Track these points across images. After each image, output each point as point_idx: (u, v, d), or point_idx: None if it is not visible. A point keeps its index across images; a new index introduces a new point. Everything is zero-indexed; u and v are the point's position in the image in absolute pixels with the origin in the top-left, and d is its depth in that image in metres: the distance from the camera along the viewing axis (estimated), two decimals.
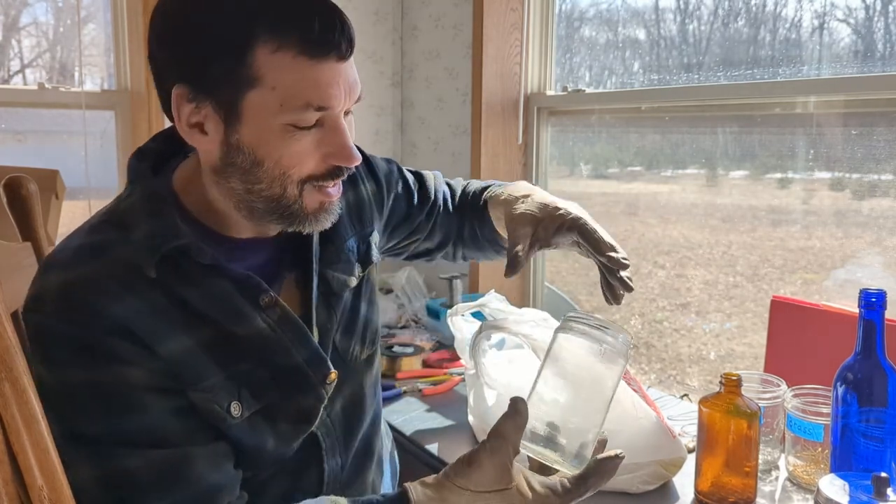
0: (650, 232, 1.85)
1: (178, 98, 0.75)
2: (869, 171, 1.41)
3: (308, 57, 0.72)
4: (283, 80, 0.73)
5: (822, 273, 1.50)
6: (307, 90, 0.73)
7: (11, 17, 2.07)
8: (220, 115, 0.75)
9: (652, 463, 1.10)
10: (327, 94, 0.74)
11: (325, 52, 0.73)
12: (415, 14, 2.31)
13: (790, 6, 1.55)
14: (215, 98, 0.75)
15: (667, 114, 1.77)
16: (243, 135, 0.75)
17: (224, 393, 0.79)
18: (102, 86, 2.11)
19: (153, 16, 0.78)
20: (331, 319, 0.91)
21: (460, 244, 1.18)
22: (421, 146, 2.33)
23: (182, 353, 0.77)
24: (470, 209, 1.15)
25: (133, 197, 0.81)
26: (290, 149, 0.76)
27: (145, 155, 0.85)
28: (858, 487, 0.86)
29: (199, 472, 0.76)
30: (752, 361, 1.60)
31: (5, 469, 0.64)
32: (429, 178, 1.16)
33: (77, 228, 0.83)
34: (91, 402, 0.74)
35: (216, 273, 0.79)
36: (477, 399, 1.31)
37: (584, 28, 2.06)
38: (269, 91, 0.73)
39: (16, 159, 1.94)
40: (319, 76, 0.74)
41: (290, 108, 0.74)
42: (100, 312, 0.73)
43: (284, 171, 0.77)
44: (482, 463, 0.72)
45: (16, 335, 0.66)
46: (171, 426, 0.76)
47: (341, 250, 0.93)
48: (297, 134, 0.75)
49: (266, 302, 0.82)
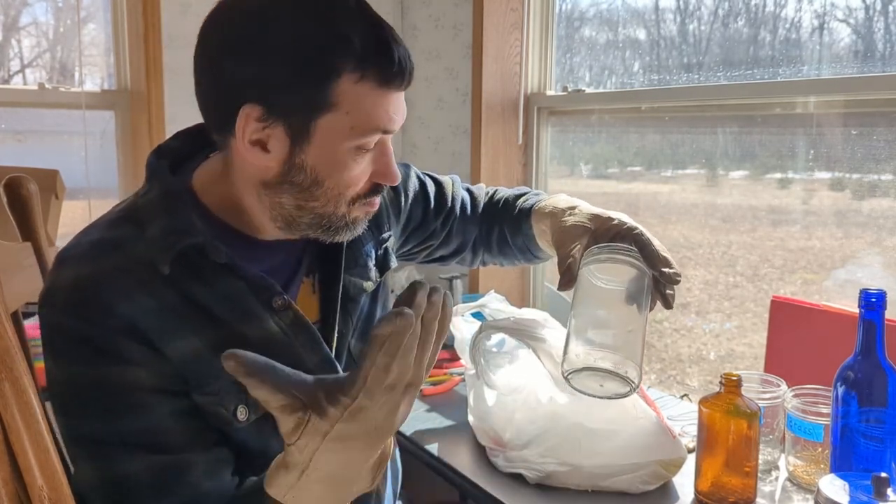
0: (650, 232, 1.84)
1: (247, 117, 0.74)
2: (869, 171, 1.41)
3: (385, 88, 0.76)
4: (360, 106, 0.75)
5: (822, 273, 1.50)
6: (380, 117, 0.77)
7: (11, 17, 2.08)
8: (289, 136, 0.76)
9: (652, 463, 1.10)
10: (393, 119, 0.78)
11: (398, 84, 0.77)
12: (415, 14, 2.31)
13: (790, 6, 1.55)
14: (289, 121, 0.75)
15: (667, 114, 1.77)
16: (309, 155, 0.76)
17: (231, 396, 0.79)
18: (102, 86, 2.11)
19: (222, 27, 0.76)
20: (347, 324, 0.91)
21: (482, 250, 1.16)
22: (421, 146, 2.33)
23: (191, 354, 0.77)
24: (501, 217, 1.12)
25: (150, 194, 0.81)
26: (352, 171, 0.79)
27: (164, 153, 0.85)
28: (858, 487, 0.86)
29: (195, 479, 0.76)
30: (752, 361, 1.60)
31: (5, 469, 0.64)
32: (447, 184, 1.15)
33: (93, 223, 0.83)
34: (95, 400, 0.74)
35: (230, 272, 0.79)
36: (477, 399, 1.31)
37: (584, 28, 2.06)
38: (344, 115, 0.75)
39: (16, 159, 1.94)
40: (389, 104, 0.77)
41: (361, 132, 0.76)
42: (110, 310, 0.73)
43: (342, 191, 0.79)
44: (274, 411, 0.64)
45: (16, 335, 0.66)
46: (173, 429, 0.76)
47: (359, 255, 0.93)
48: (360, 157, 0.78)
49: (279, 304, 0.82)
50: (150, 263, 0.76)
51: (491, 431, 1.23)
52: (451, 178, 1.17)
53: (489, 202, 1.16)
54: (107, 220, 0.82)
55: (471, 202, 1.16)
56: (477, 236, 1.15)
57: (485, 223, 1.14)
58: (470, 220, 1.14)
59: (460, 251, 1.16)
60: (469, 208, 1.15)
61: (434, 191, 1.12)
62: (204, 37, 0.77)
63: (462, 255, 1.17)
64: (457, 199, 1.14)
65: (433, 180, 1.14)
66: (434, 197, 1.12)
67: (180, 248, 0.76)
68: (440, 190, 1.13)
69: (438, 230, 1.12)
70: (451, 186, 1.15)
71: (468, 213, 1.15)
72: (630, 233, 0.92)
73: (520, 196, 1.12)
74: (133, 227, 0.79)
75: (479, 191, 1.18)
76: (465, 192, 1.17)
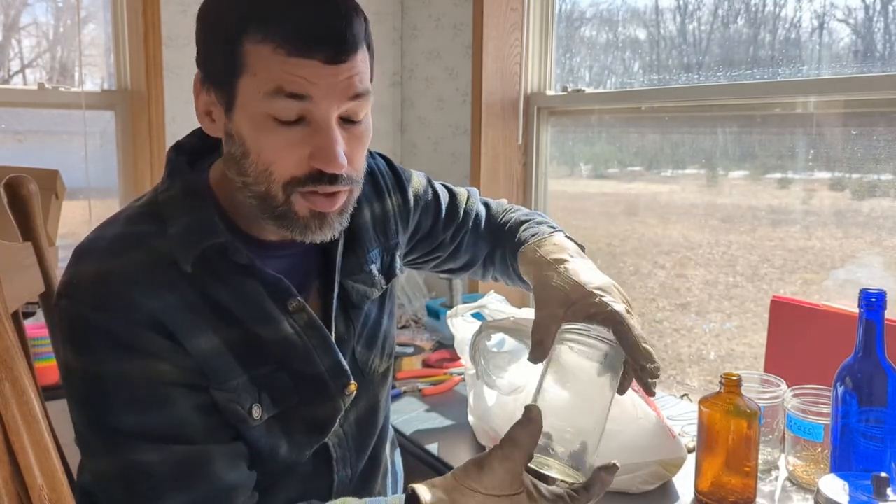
0: (650, 232, 1.84)
1: (196, 84, 0.79)
2: (869, 171, 1.41)
3: (286, 53, 0.72)
4: (266, 69, 0.73)
5: (822, 273, 1.50)
6: (286, 81, 0.72)
7: (11, 17, 2.08)
8: (222, 103, 0.77)
9: (652, 463, 1.10)
10: (301, 84, 0.73)
11: (303, 51, 0.72)
12: (415, 14, 2.31)
13: (790, 6, 1.55)
14: (216, 83, 0.77)
15: (667, 114, 1.77)
16: (236, 122, 0.76)
17: (247, 394, 0.80)
18: (102, 86, 2.11)
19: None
20: (349, 331, 0.90)
21: (491, 268, 1.12)
22: (421, 146, 2.33)
23: (210, 350, 0.77)
24: (504, 241, 1.07)
25: (172, 190, 0.81)
26: (269, 142, 0.74)
27: (183, 149, 0.86)
28: (858, 487, 0.86)
29: (217, 470, 0.77)
30: (752, 361, 1.60)
31: (5, 468, 0.64)
32: (461, 196, 1.12)
33: (112, 217, 0.83)
34: (118, 393, 0.74)
35: (248, 273, 0.80)
36: (477, 399, 1.31)
37: (584, 28, 2.06)
38: (253, 78, 0.73)
39: (16, 159, 1.94)
40: (296, 69, 0.73)
41: (269, 96, 0.73)
42: (134, 305, 0.74)
43: (266, 166, 0.75)
44: (493, 467, 0.71)
45: (16, 335, 0.66)
46: (194, 422, 0.77)
47: (364, 262, 0.92)
48: (278, 129, 0.74)
49: (294, 307, 0.82)
50: (172, 260, 0.76)
51: (491, 431, 1.23)
52: (469, 191, 1.14)
53: (497, 222, 1.11)
54: (126, 214, 0.82)
55: (485, 218, 1.12)
56: (487, 254, 1.11)
57: (492, 243, 1.11)
58: (482, 236, 1.11)
59: (470, 266, 1.13)
60: (483, 224, 1.11)
61: (447, 202, 1.10)
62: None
63: (473, 269, 1.14)
64: (470, 213, 1.11)
65: (448, 191, 1.11)
66: (446, 208, 1.09)
67: (204, 247, 0.76)
68: (453, 202, 1.10)
69: (447, 242, 1.10)
70: (465, 199, 1.12)
71: (481, 228, 1.11)
72: (611, 319, 0.80)
73: (524, 223, 1.05)
74: (155, 223, 0.79)
75: (498, 206, 1.14)
76: (483, 207, 1.13)
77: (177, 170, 0.83)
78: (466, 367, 1.36)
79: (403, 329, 1.99)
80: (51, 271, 0.94)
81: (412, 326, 2.02)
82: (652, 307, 1.83)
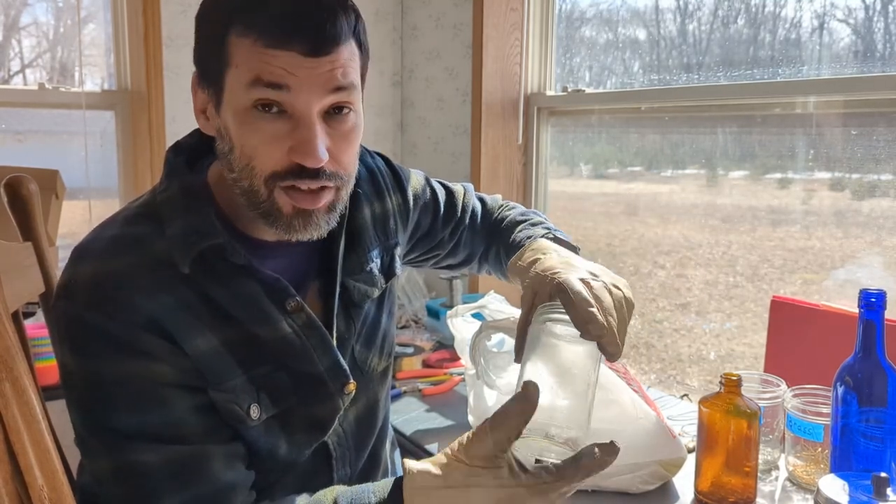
0: (650, 232, 1.85)
1: (193, 83, 0.80)
2: (869, 171, 1.41)
3: (263, 44, 0.72)
4: (248, 60, 0.73)
5: (822, 273, 1.51)
6: (264, 70, 0.72)
7: (11, 17, 2.08)
8: (213, 99, 0.78)
9: (652, 463, 1.10)
10: (279, 73, 0.72)
11: (282, 42, 0.72)
12: (415, 14, 2.31)
13: (790, 6, 1.55)
14: (208, 80, 0.77)
15: (667, 114, 1.77)
16: (223, 117, 0.77)
17: (245, 394, 0.80)
18: (102, 86, 2.11)
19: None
20: (349, 330, 0.91)
21: (486, 264, 1.14)
22: (421, 146, 2.33)
23: (208, 351, 0.77)
24: (500, 239, 1.07)
25: (170, 191, 0.81)
26: (251, 135, 0.74)
27: (182, 149, 0.86)
28: (858, 487, 0.86)
29: (215, 471, 0.77)
30: (752, 361, 1.60)
31: (5, 468, 0.64)
32: (458, 193, 1.13)
33: (110, 218, 0.83)
34: (116, 394, 0.74)
35: (246, 274, 0.80)
36: (477, 399, 1.31)
37: (584, 28, 2.06)
38: (236, 70, 0.74)
39: (16, 159, 1.94)
40: (274, 59, 0.72)
41: (250, 85, 0.73)
42: (131, 306, 0.74)
43: (248, 161, 0.75)
44: (481, 435, 0.70)
45: (16, 335, 0.66)
46: (192, 423, 0.77)
47: (364, 261, 0.92)
48: (260, 122, 0.74)
49: (293, 307, 0.82)
50: (170, 262, 0.76)
51: None
52: (464, 187, 1.15)
53: (494, 219, 1.12)
54: (124, 215, 0.82)
55: (481, 214, 1.13)
56: (484, 250, 1.13)
57: (487, 240, 1.12)
58: (478, 232, 1.13)
59: (468, 261, 1.15)
60: (479, 220, 1.13)
61: (444, 200, 1.11)
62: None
63: (470, 264, 1.16)
64: (467, 210, 1.12)
65: (445, 189, 1.12)
66: (444, 206, 1.10)
67: (201, 248, 0.76)
68: (451, 199, 1.12)
69: (446, 240, 1.11)
70: (462, 196, 1.13)
71: (477, 224, 1.13)
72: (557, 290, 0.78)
73: (520, 223, 1.05)
74: (152, 224, 0.79)
75: (494, 202, 1.15)
76: (478, 203, 1.14)
77: (175, 170, 0.83)
78: (466, 367, 1.36)
79: (403, 329, 1.99)
80: (51, 271, 0.94)
81: (412, 326, 2.02)
82: (652, 307, 1.83)
